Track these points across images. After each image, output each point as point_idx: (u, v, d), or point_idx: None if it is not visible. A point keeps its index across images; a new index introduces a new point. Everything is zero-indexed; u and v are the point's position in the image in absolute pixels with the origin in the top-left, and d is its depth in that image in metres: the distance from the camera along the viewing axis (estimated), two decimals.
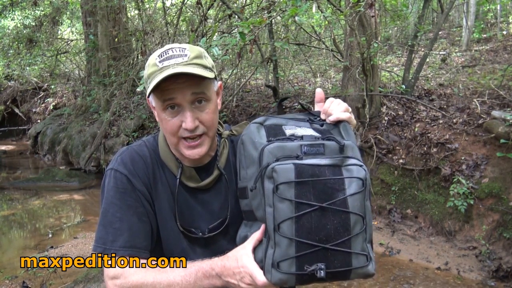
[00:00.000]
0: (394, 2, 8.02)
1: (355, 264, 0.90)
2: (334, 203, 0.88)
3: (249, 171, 1.00)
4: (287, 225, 0.87)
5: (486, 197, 4.02)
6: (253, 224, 1.04)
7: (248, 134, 1.03)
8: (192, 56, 1.06)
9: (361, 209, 0.91)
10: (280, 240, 0.88)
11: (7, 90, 12.24)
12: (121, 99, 8.07)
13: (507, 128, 4.15)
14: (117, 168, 1.13)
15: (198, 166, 1.18)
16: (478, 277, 3.58)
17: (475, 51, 8.11)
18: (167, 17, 8.13)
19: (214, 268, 0.99)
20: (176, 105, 1.07)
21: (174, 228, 1.15)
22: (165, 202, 1.15)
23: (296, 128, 1.03)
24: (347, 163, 0.93)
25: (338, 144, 0.96)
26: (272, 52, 6.26)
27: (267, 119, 1.06)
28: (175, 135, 1.09)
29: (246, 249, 0.96)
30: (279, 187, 0.88)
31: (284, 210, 0.88)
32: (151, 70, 1.06)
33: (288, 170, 0.89)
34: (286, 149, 0.93)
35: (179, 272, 1.02)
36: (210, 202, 1.19)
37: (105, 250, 1.07)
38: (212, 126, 1.12)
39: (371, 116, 5.24)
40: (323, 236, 0.87)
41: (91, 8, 8.73)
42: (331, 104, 1.08)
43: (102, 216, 1.11)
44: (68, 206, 6.23)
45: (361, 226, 0.91)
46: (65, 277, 3.70)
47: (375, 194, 4.85)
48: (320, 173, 0.90)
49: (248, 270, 0.93)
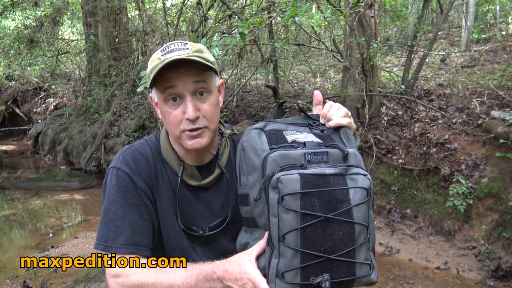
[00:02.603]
0: (394, 3, 8.03)
1: (359, 273, 0.90)
2: (339, 213, 0.88)
3: (251, 178, 0.99)
4: (292, 236, 0.87)
5: (486, 197, 4.03)
6: (254, 231, 1.03)
7: (249, 141, 1.01)
8: (193, 49, 1.08)
9: (365, 219, 0.91)
10: (285, 250, 0.87)
11: (8, 90, 12.25)
12: (121, 99, 8.08)
13: (506, 128, 4.16)
14: (119, 167, 1.14)
15: (199, 165, 1.19)
16: (477, 277, 3.59)
17: (474, 52, 8.12)
18: (167, 18, 8.13)
19: (216, 272, 0.98)
20: (178, 96, 1.08)
21: (175, 226, 1.16)
22: (167, 200, 1.16)
23: (297, 133, 1.02)
24: (351, 172, 0.93)
25: (342, 152, 0.95)
26: (272, 53, 6.27)
27: (267, 124, 1.05)
28: (177, 127, 1.09)
29: (250, 256, 0.96)
30: (284, 198, 0.87)
31: (289, 221, 0.87)
32: (154, 63, 1.07)
33: (294, 181, 0.88)
34: (290, 157, 0.92)
35: (180, 274, 1.02)
36: (211, 201, 1.19)
37: (106, 248, 1.09)
38: (213, 119, 1.12)
39: (370, 116, 5.26)
40: (329, 247, 0.87)
41: (91, 9, 8.74)
42: (331, 109, 1.08)
43: (104, 214, 1.12)
44: (69, 206, 6.24)
45: (365, 236, 0.91)
46: (66, 276, 3.71)
47: (375, 194, 4.86)
48: (325, 183, 0.90)
49: (251, 277, 0.92)
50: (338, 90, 6.20)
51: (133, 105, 8.04)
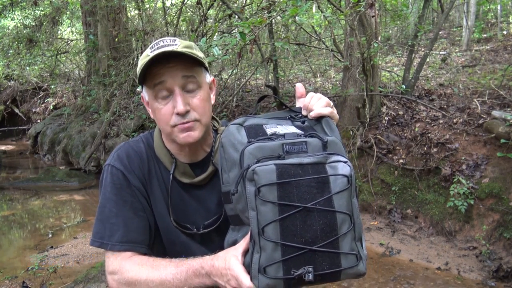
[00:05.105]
0: (394, 2, 8.01)
1: (345, 264, 0.86)
2: (318, 203, 0.85)
3: (231, 175, 0.97)
4: (272, 228, 0.84)
5: (487, 197, 4.02)
6: (241, 228, 1.01)
7: (227, 136, 0.99)
8: (182, 45, 1.08)
9: (348, 207, 0.88)
10: (265, 244, 0.85)
11: (7, 90, 12.24)
12: (121, 99, 8.07)
13: (507, 128, 4.15)
14: (113, 164, 1.15)
15: (193, 162, 1.19)
16: (478, 277, 3.58)
17: (475, 51, 8.11)
18: (167, 17, 8.12)
19: (204, 267, 0.98)
20: (167, 92, 1.08)
21: (170, 223, 1.17)
22: (160, 197, 1.17)
23: (277, 126, 0.99)
24: (331, 160, 0.89)
25: (321, 140, 0.93)
26: (272, 52, 6.26)
27: (246, 119, 1.03)
28: (167, 123, 1.09)
29: (237, 251, 0.94)
30: (261, 190, 0.85)
31: (267, 213, 0.84)
32: (143, 60, 1.07)
33: (270, 171, 0.85)
34: (266, 149, 0.89)
35: (171, 270, 1.02)
36: (205, 199, 1.19)
37: (102, 245, 1.11)
38: (204, 113, 1.11)
39: (371, 116, 5.24)
40: (309, 238, 0.84)
41: (91, 8, 8.72)
42: (311, 99, 1.06)
43: (100, 211, 1.14)
44: (68, 206, 6.23)
45: (348, 225, 0.87)
46: (65, 277, 3.70)
47: (375, 194, 4.85)
48: (303, 172, 0.86)
49: (234, 273, 0.90)
50: (339, 90, 6.18)
51: (132, 105, 8.03)
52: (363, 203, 4.87)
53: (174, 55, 1.05)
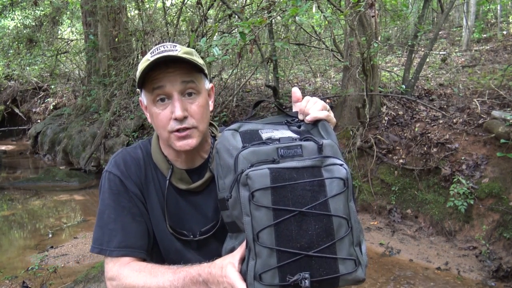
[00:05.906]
0: (394, 2, 8.01)
1: (343, 270, 0.84)
2: (314, 207, 0.83)
3: (227, 181, 0.95)
4: (266, 233, 0.82)
5: (486, 197, 4.02)
6: (238, 236, 1.00)
7: (222, 142, 0.97)
8: (182, 51, 1.08)
9: (345, 211, 0.85)
10: (260, 250, 0.83)
11: (7, 90, 12.24)
12: (121, 99, 8.07)
13: (507, 128, 4.15)
14: (111, 170, 1.16)
15: (190, 168, 1.19)
16: (478, 277, 3.58)
17: (475, 51, 8.11)
18: (167, 17, 8.12)
19: (201, 274, 0.97)
20: (166, 97, 1.08)
21: (166, 230, 1.17)
22: (156, 203, 1.17)
23: (273, 131, 0.98)
24: (327, 163, 0.87)
25: (317, 144, 0.90)
26: (272, 52, 6.26)
27: (242, 125, 1.01)
28: (165, 128, 1.09)
29: (234, 258, 0.93)
30: (254, 194, 0.83)
31: (262, 218, 0.82)
32: (143, 65, 1.07)
33: (263, 176, 0.83)
34: (261, 153, 0.87)
35: (168, 277, 1.02)
36: (202, 205, 1.19)
37: (101, 251, 1.11)
38: (201, 119, 1.11)
39: (371, 116, 5.24)
40: (305, 243, 0.82)
41: (91, 8, 8.73)
42: (308, 103, 1.05)
43: (99, 217, 1.15)
44: (68, 206, 6.23)
45: (346, 229, 0.85)
46: (65, 277, 3.70)
47: (375, 194, 4.85)
48: (298, 176, 0.84)
49: (230, 281, 0.89)
50: (339, 90, 6.19)
51: (132, 105, 8.03)
52: (363, 203, 4.88)
53: (174, 61, 1.06)
